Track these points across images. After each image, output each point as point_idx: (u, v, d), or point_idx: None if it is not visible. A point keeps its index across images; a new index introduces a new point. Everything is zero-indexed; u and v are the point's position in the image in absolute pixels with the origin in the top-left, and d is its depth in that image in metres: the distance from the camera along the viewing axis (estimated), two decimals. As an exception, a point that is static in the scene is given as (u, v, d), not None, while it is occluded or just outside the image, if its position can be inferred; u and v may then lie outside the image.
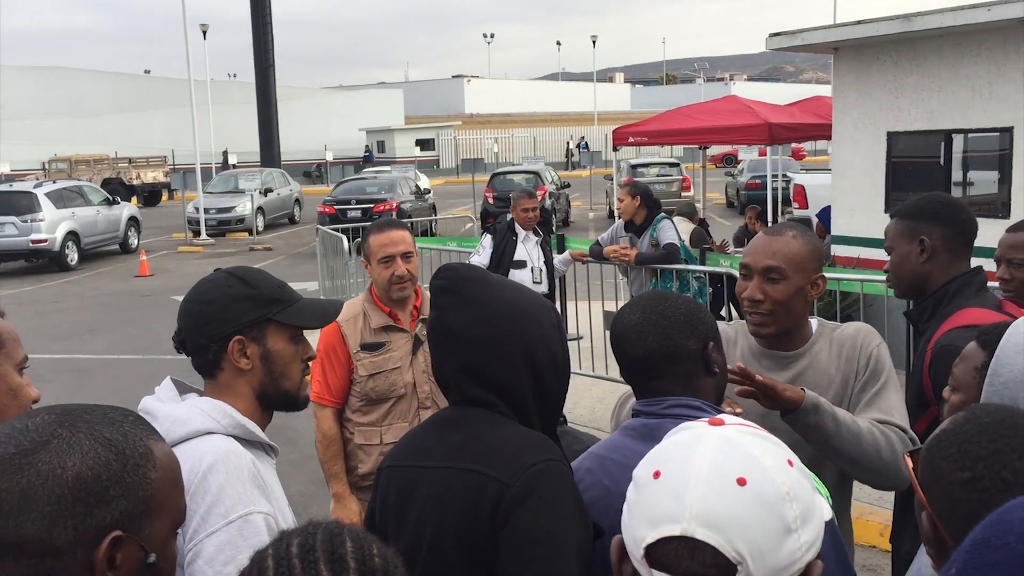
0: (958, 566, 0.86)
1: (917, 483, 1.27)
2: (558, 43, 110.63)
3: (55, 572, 1.02)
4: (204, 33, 31.01)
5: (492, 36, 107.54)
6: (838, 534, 1.62)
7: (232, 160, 37.60)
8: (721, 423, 1.10)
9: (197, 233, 23.87)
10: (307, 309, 2.01)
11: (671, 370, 1.87)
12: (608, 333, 8.00)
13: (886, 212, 9.26)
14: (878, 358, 2.41)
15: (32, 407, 1.80)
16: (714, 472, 1.02)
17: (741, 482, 1.00)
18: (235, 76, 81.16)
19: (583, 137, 53.65)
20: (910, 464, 1.33)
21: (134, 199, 30.99)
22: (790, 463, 1.06)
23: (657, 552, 1.02)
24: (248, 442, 1.89)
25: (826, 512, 1.14)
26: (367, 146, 53.22)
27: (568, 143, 54.45)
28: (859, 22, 9.32)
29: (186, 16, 24.70)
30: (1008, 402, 1.71)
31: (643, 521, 1.04)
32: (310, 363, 2.04)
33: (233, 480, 1.75)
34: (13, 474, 1.01)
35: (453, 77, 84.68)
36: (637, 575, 1.08)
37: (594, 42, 50.63)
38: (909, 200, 2.83)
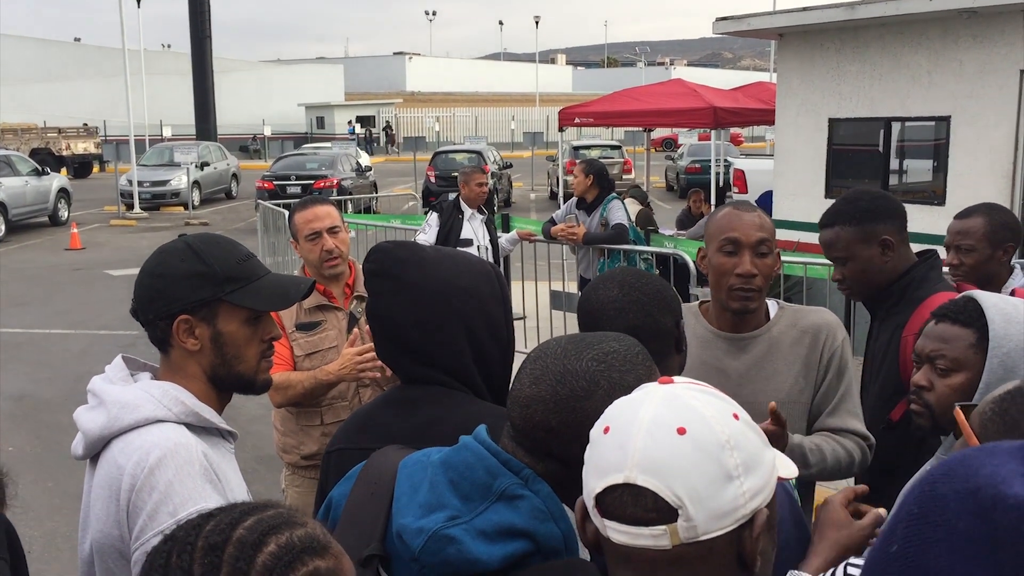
0: (899, 543, 0.86)
1: (971, 432, 1.41)
2: (500, 23, 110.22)
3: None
4: (138, 1, 30.12)
5: (434, 13, 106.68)
6: (792, 493, 1.65)
7: (167, 132, 36.57)
8: (670, 381, 1.14)
9: (130, 206, 23.21)
10: (265, 289, 1.84)
11: (647, 348, 1.85)
12: (553, 312, 8.12)
13: (827, 197, 9.43)
14: (843, 356, 2.43)
15: None
16: (655, 423, 1.07)
17: (680, 431, 1.06)
18: (169, 47, 78.90)
19: (350, 121, 51.50)
20: (961, 417, 1.46)
21: (64, 170, 30.00)
22: (735, 416, 1.10)
23: (605, 501, 1.09)
24: (203, 428, 1.79)
25: (784, 470, 1.17)
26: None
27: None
28: (804, 9, 9.46)
29: (120, -18, 23.98)
30: (1010, 372, 1.78)
31: (593, 473, 1.10)
32: (273, 343, 1.90)
33: (183, 476, 1.66)
34: (572, 412, 1.32)
35: (395, 54, 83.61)
36: (597, 533, 1.13)
37: (537, 23, 50.56)
38: (840, 206, 2.72)
